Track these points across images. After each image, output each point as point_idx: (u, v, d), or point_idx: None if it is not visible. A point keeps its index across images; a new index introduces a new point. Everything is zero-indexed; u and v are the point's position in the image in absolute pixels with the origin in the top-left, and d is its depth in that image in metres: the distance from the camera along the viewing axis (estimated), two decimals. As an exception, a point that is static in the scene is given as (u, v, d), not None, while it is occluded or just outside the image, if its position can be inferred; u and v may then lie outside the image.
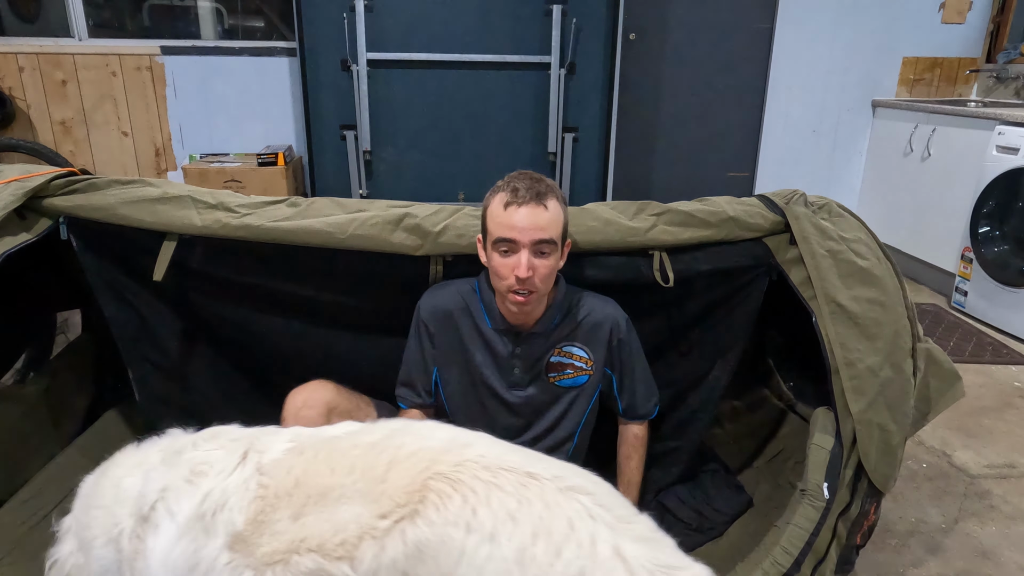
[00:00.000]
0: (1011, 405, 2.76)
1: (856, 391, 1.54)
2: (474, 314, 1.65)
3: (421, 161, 4.14)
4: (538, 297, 1.55)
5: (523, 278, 1.47)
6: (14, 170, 1.70)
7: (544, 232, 1.47)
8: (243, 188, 3.97)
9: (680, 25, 4.43)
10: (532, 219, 1.46)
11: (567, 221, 1.56)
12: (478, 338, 1.66)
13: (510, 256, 1.49)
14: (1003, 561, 1.90)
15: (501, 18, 3.91)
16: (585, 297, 1.69)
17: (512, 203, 1.47)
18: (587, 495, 0.98)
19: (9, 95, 4.12)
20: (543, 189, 1.50)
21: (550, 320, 1.64)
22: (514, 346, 1.64)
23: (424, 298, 1.69)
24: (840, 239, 1.65)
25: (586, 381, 1.69)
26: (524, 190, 1.48)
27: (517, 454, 1.04)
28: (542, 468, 1.00)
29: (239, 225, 1.64)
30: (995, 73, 4.45)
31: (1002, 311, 3.45)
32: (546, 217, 1.48)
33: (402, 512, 0.97)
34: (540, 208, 1.47)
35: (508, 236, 1.47)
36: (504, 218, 1.47)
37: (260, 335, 1.89)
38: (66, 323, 2.37)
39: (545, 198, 1.48)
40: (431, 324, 1.67)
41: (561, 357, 1.66)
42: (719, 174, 4.76)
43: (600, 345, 1.67)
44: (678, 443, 1.94)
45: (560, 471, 1.01)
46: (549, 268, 1.51)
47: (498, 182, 1.55)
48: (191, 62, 4.23)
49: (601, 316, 1.67)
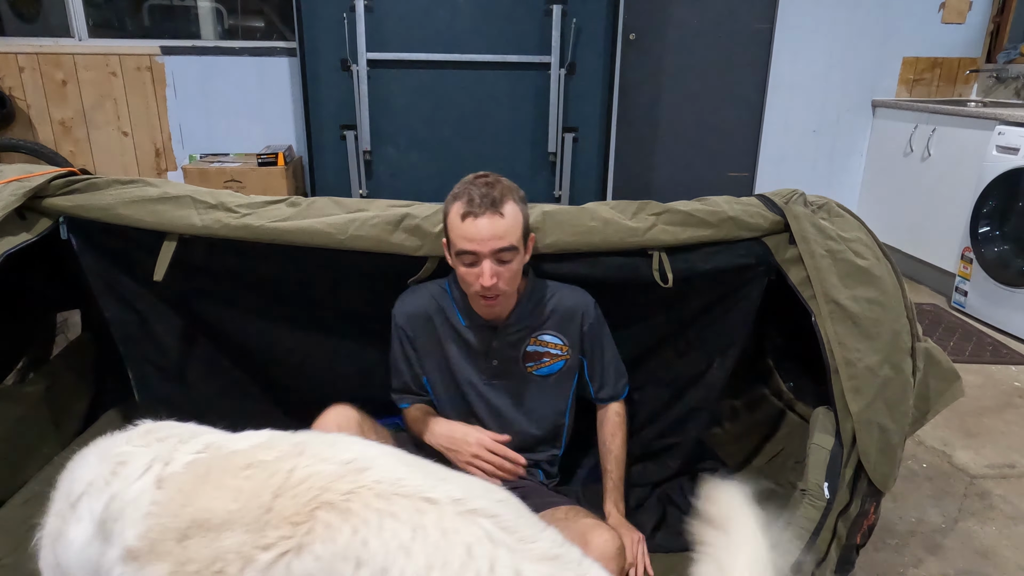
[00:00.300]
0: (1011, 405, 2.76)
1: (855, 391, 1.54)
2: (448, 313, 1.68)
3: (421, 161, 4.14)
4: (506, 297, 1.58)
5: (488, 287, 1.50)
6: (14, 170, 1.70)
7: (503, 240, 1.48)
8: (243, 188, 3.97)
9: (680, 25, 4.43)
10: (490, 230, 1.47)
11: (527, 217, 1.57)
12: (454, 336, 1.69)
13: (474, 266, 1.51)
14: (1003, 561, 1.90)
15: (501, 18, 3.91)
16: (554, 286, 1.71)
17: (469, 214, 1.47)
18: (490, 517, 0.93)
19: (9, 95, 4.12)
20: (498, 195, 1.49)
21: (522, 311, 1.66)
22: (490, 340, 1.67)
23: (397, 304, 1.71)
24: (839, 239, 1.65)
25: (563, 366, 1.72)
26: (479, 199, 1.47)
27: (418, 476, 0.97)
28: (443, 491, 0.94)
29: (239, 225, 1.64)
30: (995, 73, 4.45)
31: (1002, 311, 3.45)
32: (504, 225, 1.48)
33: (287, 545, 0.91)
34: (497, 217, 1.47)
35: (468, 248, 1.49)
36: (462, 230, 1.48)
37: (260, 335, 1.90)
38: (66, 323, 2.37)
39: (501, 204, 1.48)
40: (408, 328, 1.70)
41: (537, 346, 1.69)
42: (719, 174, 4.76)
43: (573, 331, 1.70)
44: (677, 439, 1.95)
45: (463, 492, 0.95)
46: (513, 271, 1.54)
47: (455, 187, 1.54)
48: (191, 62, 4.24)
49: (572, 303, 1.70)
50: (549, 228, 1.67)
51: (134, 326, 1.81)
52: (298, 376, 2.00)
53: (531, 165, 4.20)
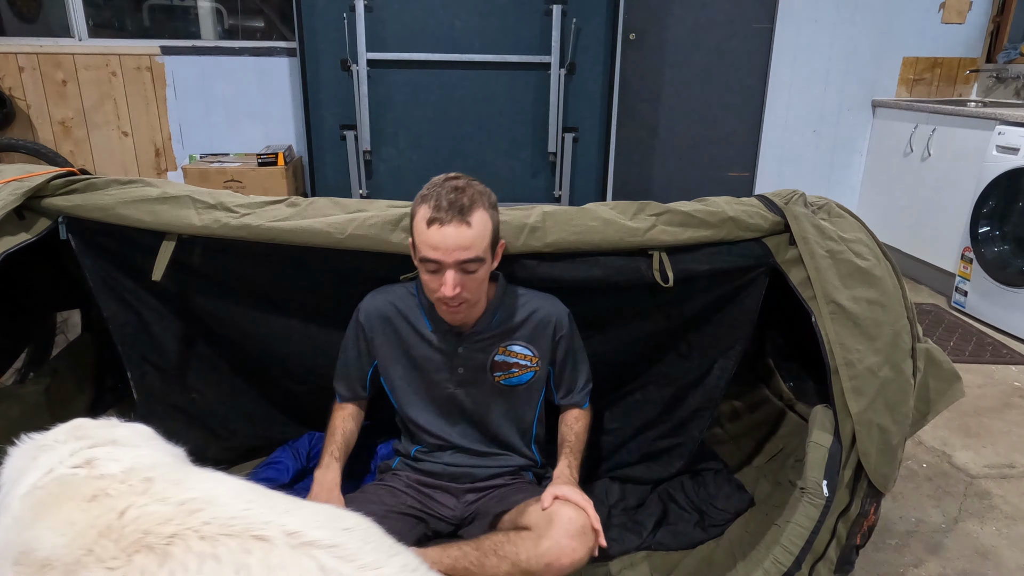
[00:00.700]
0: (1011, 405, 2.76)
1: (856, 391, 1.54)
2: (412, 318, 1.65)
3: (421, 161, 4.14)
4: (470, 305, 1.54)
5: (450, 297, 1.46)
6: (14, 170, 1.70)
7: (468, 251, 1.43)
8: (243, 188, 3.97)
9: (680, 25, 4.43)
10: (455, 239, 1.41)
11: (497, 224, 1.52)
12: (419, 341, 1.66)
13: (436, 274, 1.46)
14: (1003, 561, 1.90)
15: (501, 18, 3.91)
16: (526, 295, 1.68)
17: (435, 220, 1.41)
18: (327, 548, 0.90)
19: (9, 95, 4.12)
20: (467, 201, 1.43)
21: (490, 319, 1.63)
22: (456, 347, 1.64)
23: (364, 300, 1.69)
24: (840, 239, 1.65)
25: (531, 378, 1.69)
26: (447, 206, 1.41)
27: (257, 511, 0.94)
28: (278, 526, 0.91)
29: (238, 225, 1.64)
30: (995, 73, 4.45)
31: (1002, 311, 3.45)
32: (470, 235, 1.42)
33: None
34: (463, 227, 1.41)
35: (432, 257, 1.43)
36: (427, 237, 1.43)
37: (259, 335, 1.90)
38: (66, 323, 2.37)
39: (469, 213, 1.42)
40: (368, 327, 1.68)
41: (505, 356, 1.66)
42: (719, 174, 4.76)
43: (544, 342, 1.67)
44: (679, 440, 1.95)
45: (301, 525, 0.92)
46: (478, 280, 1.49)
47: (424, 187, 1.49)
48: (191, 62, 4.24)
49: (545, 314, 1.67)
50: (549, 228, 1.67)
51: (133, 326, 1.80)
52: (297, 377, 2.00)
53: (531, 165, 4.20)
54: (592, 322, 1.83)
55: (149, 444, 1.18)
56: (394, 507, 1.63)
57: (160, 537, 0.89)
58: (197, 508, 0.94)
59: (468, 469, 1.71)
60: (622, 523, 1.84)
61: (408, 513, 1.64)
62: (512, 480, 1.73)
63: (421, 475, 1.72)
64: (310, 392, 1.98)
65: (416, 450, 1.74)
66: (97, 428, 1.14)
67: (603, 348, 1.89)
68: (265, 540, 0.89)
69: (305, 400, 2.04)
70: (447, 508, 1.69)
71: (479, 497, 1.70)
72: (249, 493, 0.99)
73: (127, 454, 1.08)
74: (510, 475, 1.73)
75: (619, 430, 2.02)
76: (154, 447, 1.19)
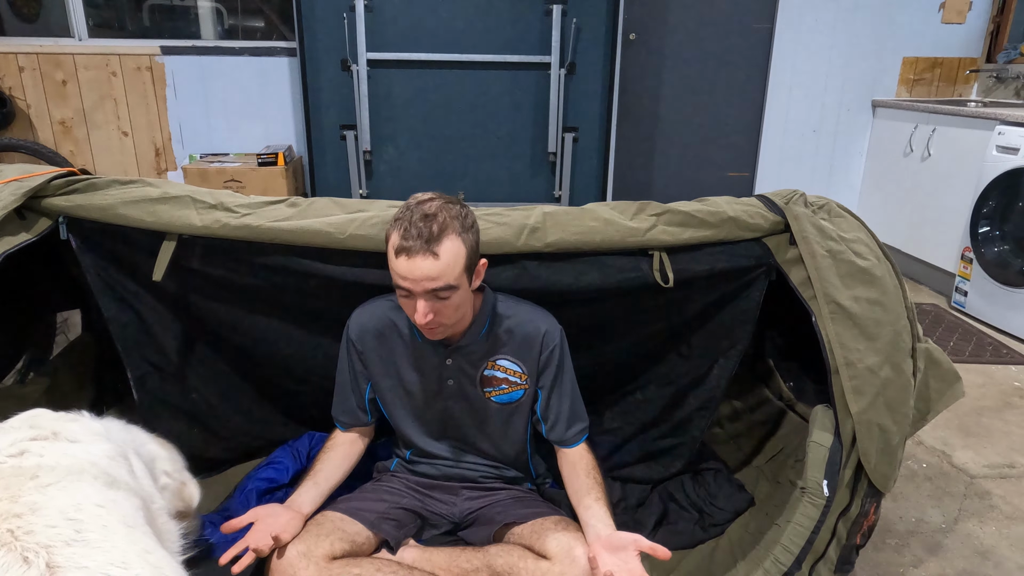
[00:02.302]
0: (1011, 405, 2.76)
1: (856, 391, 1.54)
2: (402, 330, 1.61)
3: (421, 161, 4.14)
4: (446, 328, 1.48)
5: (423, 323, 1.41)
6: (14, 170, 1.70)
7: (437, 281, 1.37)
8: (243, 188, 3.97)
9: (680, 25, 4.43)
10: (423, 271, 1.35)
11: (473, 248, 1.43)
12: (409, 353, 1.62)
13: (409, 300, 1.42)
14: (1003, 561, 1.90)
15: (501, 18, 3.91)
16: (514, 307, 1.61)
17: (403, 251, 1.36)
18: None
19: (9, 95, 4.12)
20: (436, 230, 1.35)
21: (479, 329, 1.57)
22: (445, 357, 1.59)
23: (353, 316, 1.65)
24: (840, 239, 1.65)
25: (521, 396, 1.62)
26: (416, 234, 1.35)
27: (61, 537, 0.91)
28: (58, 557, 0.88)
29: (239, 225, 1.64)
30: (995, 73, 4.45)
31: (1002, 311, 3.45)
32: (438, 267, 1.35)
33: None
34: (430, 258, 1.35)
35: (402, 285, 1.39)
36: (396, 266, 1.38)
37: (259, 335, 1.89)
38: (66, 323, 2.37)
39: (437, 243, 1.35)
40: (359, 344, 1.63)
41: (495, 371, 1.60)
42: (719, 174, 4.76)
43: (531, 358, 1.60)
44: (680, 440, 1.95)
45: (88, 563, 0.89)
46: (454, 305, 1.43)
47: (398, 210, 1.43)
48: (191, 62, 4.24)
49: (532, 328, 1.59)
50: (549, 228, 1.66)
51: (133, 326, 1.80)
52: (297, 377, 2.00)
53: (531, 165, 4.20)
54: (592, 322, 1.83)
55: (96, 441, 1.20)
56: (394, 504, 1.63)
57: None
58: (16, 514, 0.94)
59: (464, 472, 1.71)
60: (622, 523, 1.84)
61: (408, 508, 1.65)
62: (510, 485, 1.73)
63: (418, 476, 1.72)
64: (310, 392, 1.98)
65: (411, 453, 1.74)
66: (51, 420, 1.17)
67: (603, 348, 1.89)
68: (28, 563, 0.87)
69: (305, 400, 2.04)
70: (445, 506, 1.69)
71: (478, 498, 1.70)
72: (91, 523, 0.97)
73: (55, 449, 1.10)
74: (507, 481, 1.73)
75: (619, 430, 2.02)
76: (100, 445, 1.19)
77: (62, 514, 0.96)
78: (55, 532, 0.92)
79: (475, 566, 1.48)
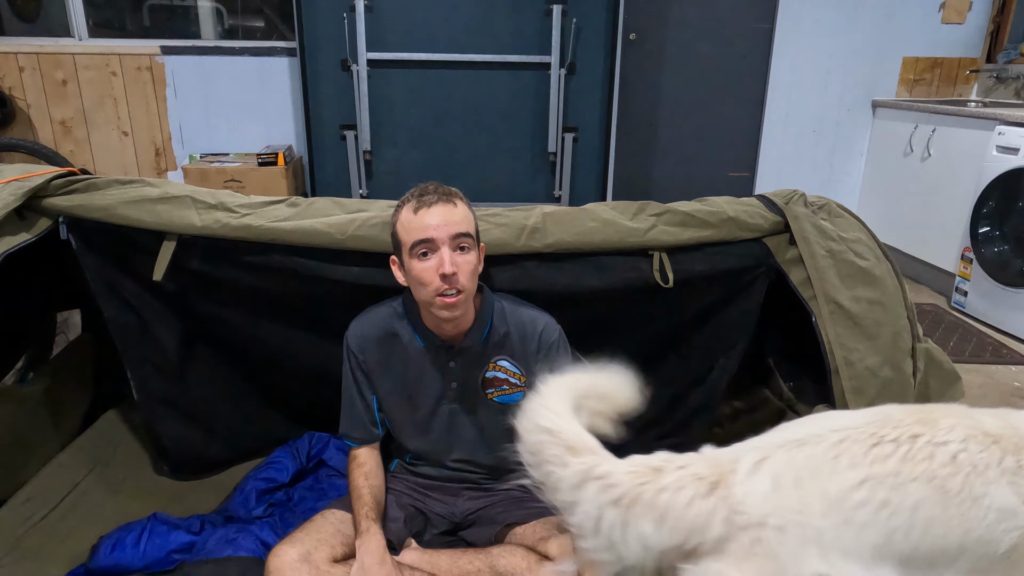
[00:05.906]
0: (1011, 405, 2.74)
1: (856, 391, 1.54)
2: (403, 336, 1.61)
3: (421, 161, 4.14)
4: (466, 297, 1.48)
5: (448, 274, 1.42)
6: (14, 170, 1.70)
7: (460, 226, 1.45)
8: (243, 188, 3.97)
9: (680, 25, 4.43)
10: (445, 216, 1.44)
11: (477, 226, 1.54)
12: (410, 360, 1.61)
13: (430, 258, 1.44)
14: (1003, 561, 1.90)
15: (501, 18, 3.91)
16: (511, 306, 1.62)
17: (422, 206, 1.45)
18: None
19: (9, 95, 4.12)
20: (449, 191, 1.50)
21: (480, 330, 1.58)
22: (447, 361, 1.59)
23: (351, 328, 1.64)
24: (840, 239, 1.65)
25: (522, 398, 1.61)
26: (432, 192, 1.48)
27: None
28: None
29: (239, 225, 1.64)
30: (995, 73, 4.45)
31: (1002, 311, 3.45)
32: (459, 213, 1.47)
33: None
34: (451, 205, 1.46)
35: (425, 236, 1.43)
36: (417, 221, 1.44)
37: (259, 335, 1.89)
38: (66, 323, 2.37)
39: (453, 197, 1.49)
40: (360, 354, 1.62)
41: (496, 372, 1.60)
42: (719, 174, 4.76)
43: (529, 360, 1.60)
44: (679, 440, 1.94)
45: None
46: (471, 264, 1.47)
47: (401, 199, 1.53)
48: (191, 62, 4.24)
49: (531, 328, 1.60)
50: (549, 228, 1.67)
51: (134, 326, 1.80)
52: (296, 378, 2.00)
53: (531, 165, 4.20)
54: (592, 322, 1.83)
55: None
56: (394, 502, 1.64)
57: None
58: None
59: (465, 474, 1.70)
60: (622, 523, 1.84)
61: (409, 509, 1.65)
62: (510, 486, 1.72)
63: (418, 477, 1.72)
64: (310, 392, 1.98)
65: (411, 456, 1.73)
66: None
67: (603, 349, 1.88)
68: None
69: (305, 400, 2.05)
70: (445, 507, 1.69)
71: (479, 498, 1.69)
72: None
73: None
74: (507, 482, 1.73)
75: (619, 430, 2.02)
76: None
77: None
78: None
79: (478, 568, 1.48)
